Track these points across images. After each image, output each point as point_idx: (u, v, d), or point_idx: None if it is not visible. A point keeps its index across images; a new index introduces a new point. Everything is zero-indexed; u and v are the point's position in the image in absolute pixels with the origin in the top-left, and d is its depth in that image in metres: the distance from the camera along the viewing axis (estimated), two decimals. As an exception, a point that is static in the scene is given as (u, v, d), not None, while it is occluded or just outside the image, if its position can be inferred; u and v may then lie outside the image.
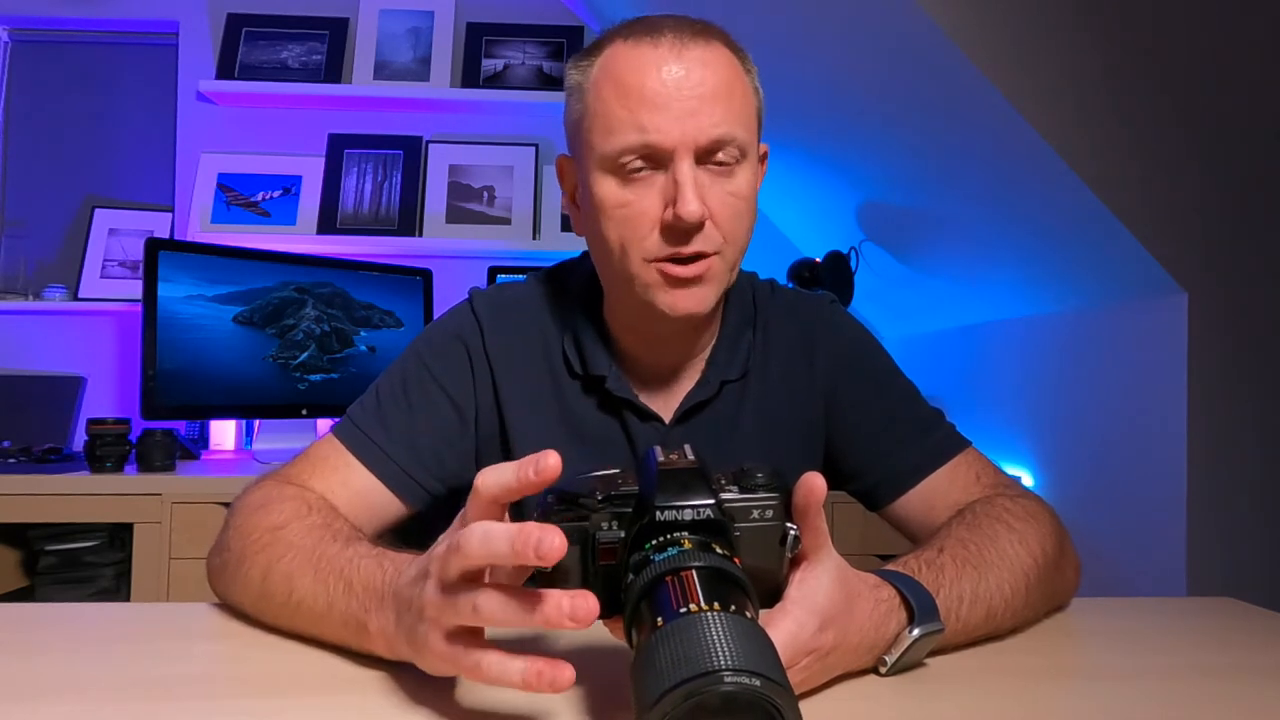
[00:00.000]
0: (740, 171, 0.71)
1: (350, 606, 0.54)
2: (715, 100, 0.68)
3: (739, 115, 0.70)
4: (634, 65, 0.69)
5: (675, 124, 0.67)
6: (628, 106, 0.68)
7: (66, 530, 1.73)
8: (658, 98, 0.67)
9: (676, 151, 0.68)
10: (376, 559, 0.55)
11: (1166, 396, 1.41)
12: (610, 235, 0.72)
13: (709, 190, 0.69)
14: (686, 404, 0.80)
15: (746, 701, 0.35)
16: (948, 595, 0.57)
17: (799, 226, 2.47)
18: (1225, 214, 1.39)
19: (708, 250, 0.70)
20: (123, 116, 2.43)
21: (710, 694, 0.34)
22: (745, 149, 0.71)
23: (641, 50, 0.69)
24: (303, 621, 0.58)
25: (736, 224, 0.72)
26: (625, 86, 0.68)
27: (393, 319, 2.17)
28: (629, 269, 0.72)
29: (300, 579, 0.58)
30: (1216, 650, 0.64)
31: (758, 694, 0.35)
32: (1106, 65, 1.34)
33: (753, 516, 0.46)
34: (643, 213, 0.70)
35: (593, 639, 0.62)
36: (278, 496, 0.68)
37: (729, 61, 0.71)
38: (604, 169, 0.70)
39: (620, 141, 0.68)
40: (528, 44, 2.44)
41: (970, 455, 0.80)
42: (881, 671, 0.54)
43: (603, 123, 0.70)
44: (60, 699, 0.50)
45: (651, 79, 0.68)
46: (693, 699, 0.34)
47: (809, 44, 1.64)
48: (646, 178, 0.69)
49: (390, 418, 0.78)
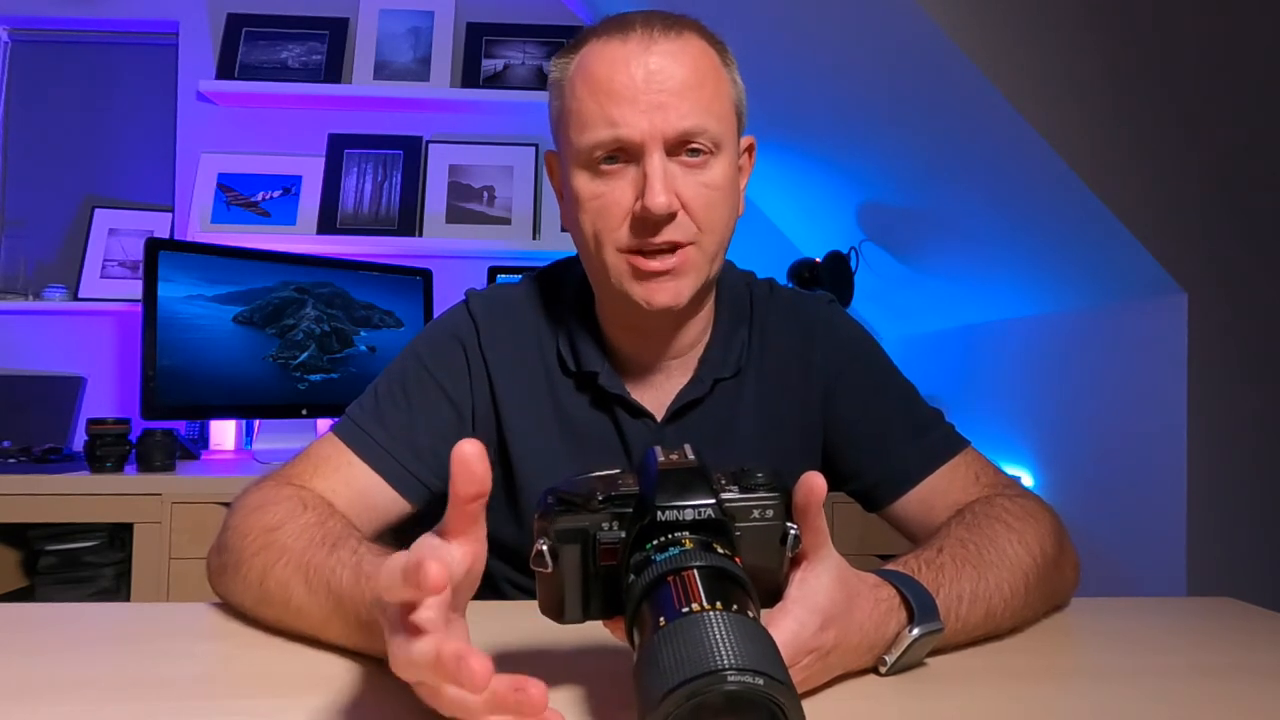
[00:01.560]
0: (715, 163, 0.72)
1: (345, 618, 0.55)
2: (684, 93, 0.69)
3: (710, 107, 0.70)
4: (604, 61, 0.70)
5: (643, 117, 0.68)
6: (598, 102, 0.69)
7: (66, 530, 1.73)
8: (626, 91, 0.68)
9: (646, 145, 0.69)
10: (354, 570, 0.55)
11: (1166, 396, 1.41)
12: (586, 227, 0.73)
13: (681, 181, 0.70)
14: (678, 402, 0.80)
15: (750, 701, 0.35)
16: (947, 595, 0.57)
17: (799, 226, 2.47)
18: (1225, 214, 1.39)
19: (680, 240, 0.71)
20: (123, 116, 2.42)
21: (713, 693, 0.34)
22: (719, 140, 0.71)
23: (611, 46, 0.70)
24: (305, 627, 0.59)
25: (711, 213, 0.72)
26: (596, 82, 0.70)
27: (393, 319, 2.17)
28: (603, 259, 0.73)
29: (295, 588, 0.59)
30: (1216, 650, 0.64)
31: (761, 693, 0.35)
32: (1107, 65, 1.34)
33: (753, 516, 0.46)
34: (615, 203, 0.71)
35: (592, 640, 0.62)
36: (274, 498, 0.69)
37: (701, 52, 0.71)
38: (579, 164, 0.72)
39: (592, 136, 0.70)
40: (528, 44, 2.44)
41: (969, 455, 0.80)
42: (881, 671, 0.54)
43: (577, 119, 0.71)
44: (60, 699, 0.50)
45: (620, 74, 0.69)
46: (696, 698, 0.34)
47: (809, 44, 1.64)
48: (619, 170, 0.71)
49: (389, 416, 0.79)
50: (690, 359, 0.82)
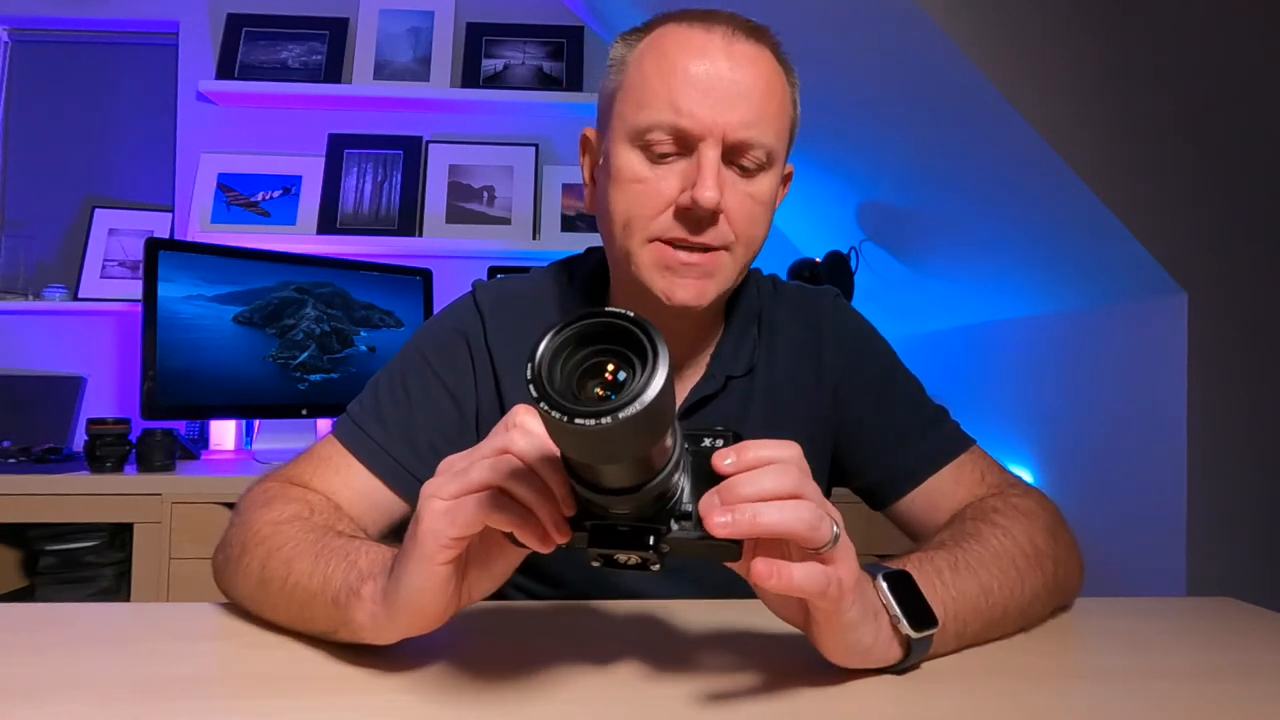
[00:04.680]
0: (764, 177, 0.71)
1: (348, 578, 0.55)
2: (752, 100, 0.68)
3: (772, 122, 0.70)
4: (682, 45, 0.69)
5: (710, 112, 0.67)
6: (667, 83, 0.68)
7: (66, 530, 1.73)
8: (699, 82, 0.67)
9: (705, 139, 0.67)
10: (386, 547, 0.57)
11: (1166, 396, 1.41)
12: (618, 208, 0.71)
13: (729, 186, 0.69)
14: (691, 399, 0.79)
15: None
16: (945, 596, 0.57)
17: (799, 226, 2.47)
18: (1225, 214, 1.39)
19: (715, 244, 0.70)
20: (123, 116, 2.42)
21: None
22: (773, 156, 0.70)
23: (694, 33, 0.69)
24: (295, 605, 0.59)
25: (751, 226, 0.71)
26: (669, 63, 0.68)
27: (393, 319, 2.17)
28: (629, 245, 0.71)
29: (300, 562, 0.59)
30: (1216, 650, 0.64)
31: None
32: (1107, 65, 1.34)
33: (703, 444, 0.48)
34: (659, 192, 0.69)
35: (592, 639, 0.62)
36: (281, 496, 0.69)
37: (774, 69, 0.71)
38: (630, 141, 0.70)
39: (652, 116, 0.68)
40: (528, 44, 2.44)
41: (974, 454, 0.80)
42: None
43: (637, 95, 0.69)
44: (60, 699, 0.50)
45: (696, 62, 0.68)
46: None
47: (809, 44, 1.64)
48: (670, 162, 0.69)
49: (389, 414, 0.78)
50: (703, 356, 0.81)
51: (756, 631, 0.63)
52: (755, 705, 0.50)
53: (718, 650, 0.59)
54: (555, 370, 0.40)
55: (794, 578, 0.46)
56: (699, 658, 0.58)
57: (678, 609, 0.69)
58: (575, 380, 0.41)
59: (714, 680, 0.54)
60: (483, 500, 0.47)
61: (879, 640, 0.52)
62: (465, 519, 0.47)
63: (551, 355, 0.41)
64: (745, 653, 0.59)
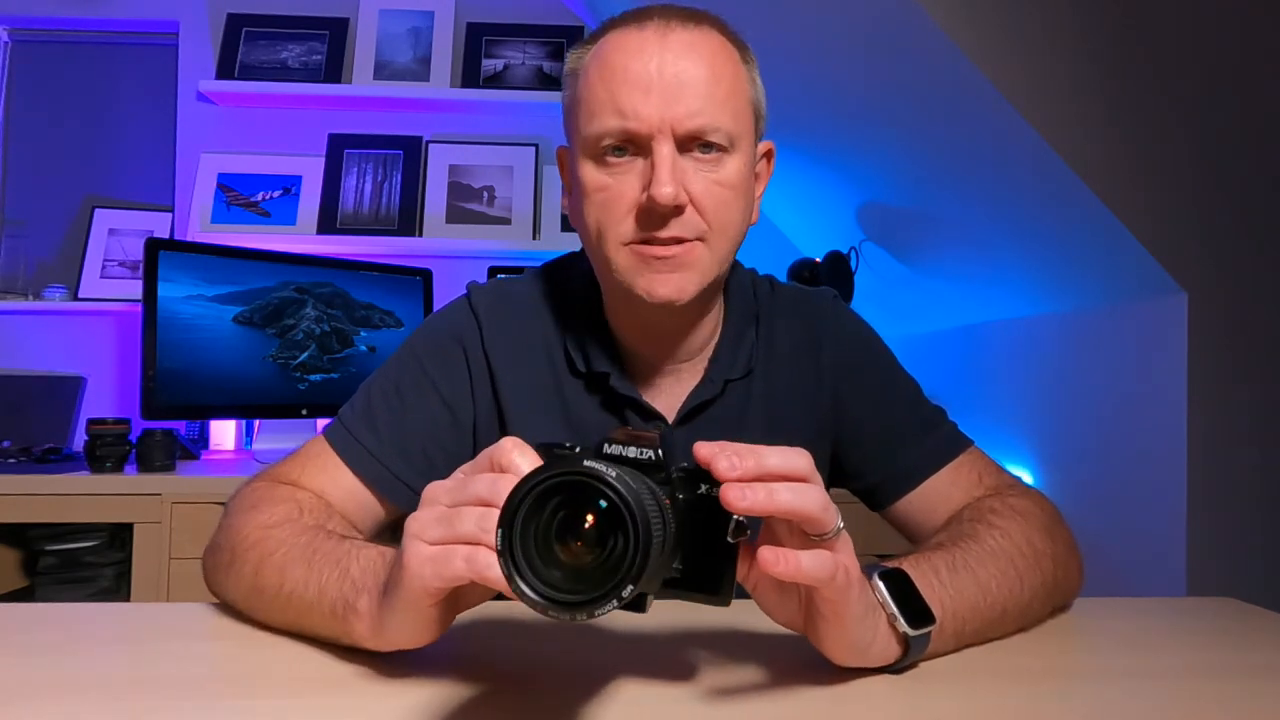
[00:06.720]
0: (729, 161, 0.70)
1: (343, 589, 0.55)
2: (697, 88, 0.67)
3: (725, 105, 0.69)
4: (618, 47, 0.69)
5: (654, 109, 0.66)
6: (609, 89, 0.68)
7: (66, 530, 1.73)
8: (639, 80, 0.67)
9: (655, 136, 0.67)
10: (378, 550, 0.57)
11: (1166, 396, 1.41)
12: (589, 219, 0.71)
13: (691, 177, 0.68)
14: (690, 403, 0.79)
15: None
16: (942, 595, 0.57)
17: (799, 226, 2.47)
18: (1225, 214, 1.39)
19: (686, 236, 0.69)
20: (123, 116, 2.42)
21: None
22: (734, 138, 0.70)
23: (628, 34, 0.69)
24: (292, 612, 0.59)
25: (722, 213, 0.70)
26: (609, 69, 0.68)
27: (393, 319, 2.17)
28: (606, 253, 0.71)
29: (293, 569, 0.59)
30: (1216, 650, 0.64)
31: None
32: (1107, 65, 1.34)
33: (699, 489, 0.47)
34: (621, 195, 0.69)
35: (591, 639, 0.62)
36: (270, 497, 0.68)
37: (720, 48, 0.70)
38: (587, 154, 0.70)
39: (600, 125, 0.68)
40: (528, 44, 2.44)
41: (973, 455, 0.80)
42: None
43: (587, 106, 0.69)
44: (60, 699, 0.50)
45: (634, 62, 0.67)
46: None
47: (809, 44, 1.64)
48: (626, 164, 0.69)
49: (381, 419, 0.77)
50: (700, 361, 0.80)
51: (756, 631, 0.63)
52: (755, 705, 0.50)
53: (718, 650, 0.59)
54: (528, 537, 0.39)
55: (802, 564, 0.46)
56: (699, 658, 0.58)
57: (677, 609, 0.69)
58: (550, 540, 0.39)
59: (714, 680, 0.54)
60: (469, 555, 0.45)
61: (878, 638, 0.52)
62: (450, 572, 0.46)
63: (522, 524, 0.39)
64: (745, 653, 0.58)
